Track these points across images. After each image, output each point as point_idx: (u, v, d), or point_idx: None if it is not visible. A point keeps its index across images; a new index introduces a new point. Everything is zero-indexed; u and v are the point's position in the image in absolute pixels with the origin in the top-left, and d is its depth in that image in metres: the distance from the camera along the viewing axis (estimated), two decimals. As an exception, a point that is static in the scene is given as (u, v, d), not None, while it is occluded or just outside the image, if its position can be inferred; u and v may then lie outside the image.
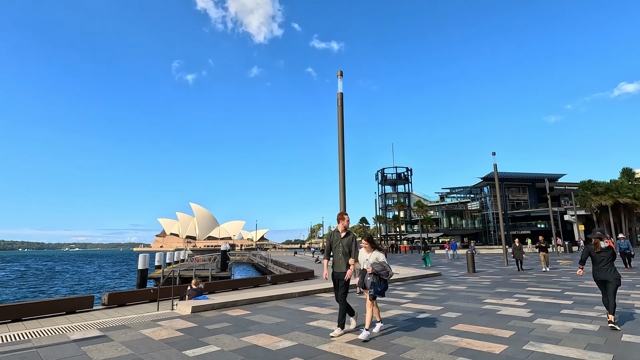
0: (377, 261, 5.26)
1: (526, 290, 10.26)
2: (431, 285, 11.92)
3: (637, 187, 43.34)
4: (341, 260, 5.40)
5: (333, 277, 5.51)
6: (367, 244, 5.42)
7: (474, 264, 16.73)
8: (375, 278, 5.14)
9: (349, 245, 5.43)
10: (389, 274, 5.17)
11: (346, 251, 5.39)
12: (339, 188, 10.68)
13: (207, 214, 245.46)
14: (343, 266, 5.37)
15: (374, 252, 5.38)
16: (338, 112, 11.23)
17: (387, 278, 5.21)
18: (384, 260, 5.27)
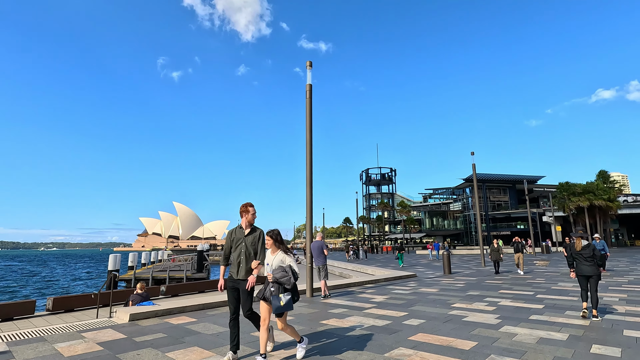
0: (280, 265, 4.14)
1: (498, 293, 9.85)
2: (403, 287, 11.42)
3: (612, 190, 44.34)
4: (242, 265, 4.31)
5: (231, 288, 4.35)
6: (270, 241, 4.22)
7: (450, 265, 16.38)
8: (278, 288, 4.02)
9: (254, 245, 4.35)
10: (290, 281, 4.00)
11: (250, 253, 4.31)
12: (306, 183, 10.04)
13: (190, 214, 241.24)
14: (243, 272, 4.29)
15: (278, 254, 4.22)
16: (307, 105, 10.59)
17: (291, 287, 4.05)
18: (290, 265, 4.14)
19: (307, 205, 9.99)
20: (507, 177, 67.64)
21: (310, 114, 10.54)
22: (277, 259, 4.20)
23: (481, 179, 67.05)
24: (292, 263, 4.18)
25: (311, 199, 10.02)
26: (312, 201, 10.07)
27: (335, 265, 24.74)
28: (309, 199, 10.00)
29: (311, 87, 10.77)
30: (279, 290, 4.01)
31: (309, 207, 9.97)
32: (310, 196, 10.02)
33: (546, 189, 63.93)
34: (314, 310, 7.54)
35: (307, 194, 10.03)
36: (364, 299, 9.03)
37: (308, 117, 10.51)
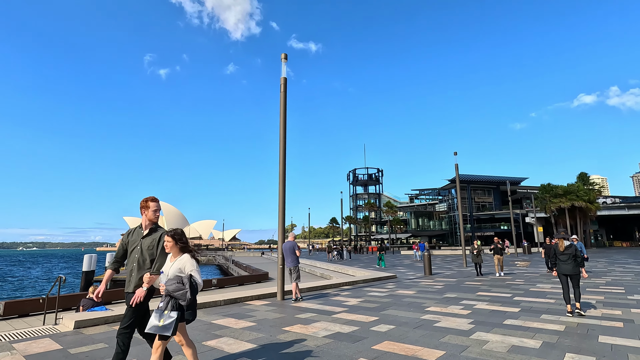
0: (178, 275, 3.20)
1: (476, 295, 9.58)
2: (380, 289, 11.06)
3: (592, 192, 45.22)
4: (133, 274, 3.49)
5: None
6: (171, 243, 3.31)
7: (431, 266, 16.15)
8: (168, 303, 3.12)
9: (151, 249, 3.51)
10: (187, 296, 3.08)
11: (145, 259, 3.48)
12: (279, 180, 9.58)
13: (176, 213, 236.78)
14: (133, 284, 3.47)
15: (180, 259, 3.30)
16: (281, 99, 10.13)
17: (186, 303, 3.11)
18: (190, 273, 3.23)
19: (279, 203, 9.52)
20: (491, 179, 68.47)
21: (284, 108, 10.08)
22: (176, 266, 3.26)
23: (466, 180, 67.71)
24: (194, 271, 3.25)
25: (284, 197, 9.56)
26: (285, 199, 9.61)
27: (317, 265, 24.32)
28: (281, 196, 9.54)
29: (286, 81, 10.32)
30: (169, 307, 3.11)
31: (282, 205, 9.51)
32: (283, 194, 9.56)
33: (529, 190, 64.99)
34: (280, 315, 7.09)
35: (279, 191, 9.57)
36: (336, 302, 8.62)
37: (282, 112, 10.05)
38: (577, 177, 47.87)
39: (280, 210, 9.48)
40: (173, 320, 3.06)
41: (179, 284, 3.13)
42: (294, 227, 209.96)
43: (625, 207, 48.68)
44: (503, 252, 14.71)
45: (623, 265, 18.87)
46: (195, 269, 3.30)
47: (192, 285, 3.19)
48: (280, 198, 9.53)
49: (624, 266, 18.54)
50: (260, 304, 8.53)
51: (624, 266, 18.54)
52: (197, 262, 3.34)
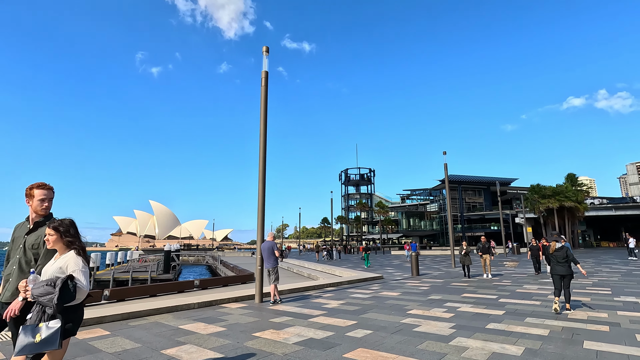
0: (58, 275, 2.55)
1: (461, 297, 9.32)
2: (364, 291, 10.75)
3: (580, 192, 45.64)
4: (11, 280, 2.80)
5: None
6: (54, 237, 2.65)
7: (418, 266, 15.90)
8: (39, 313, 2.49)
9: (36, 248, 2.84)
10: (54, 302, 2.38)
11: (30, 259, 2.82)
12: (259, 177, 9.19)
13: (167, 212, 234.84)
14: (9, 291, 2.77)
15: (64, 256, 2.67)
16: (262, 93, 9.75)
17: (54, 310, 2.43)
18: (72, 274, 2.56)
19: (259, 201, 9.14)
20: (481, 179, 68.86)
21: (265, 103, 9.70)
22: (57, 266, 2.61)
23: (457, 180, 68.02)
24: (77, 272, 2.58)
25: (263, 195, 9.18)
26: (265, 197, 9.24)
27: (305, 266, 23.97)
28: (260, 195, 9.16)
29: (267, 75, 9.94)
30: (45, 317, 2.46)
31: (261, 204, 9.13)
32: (263, 192, 9.18)
33: (519, 191, 65.51)
34: (254, 319, 6.71)
35: (259, 189, 9.19)
36: (316, 305, 8.26)
37: (263, 107, 9.68)
38: (566, 178, 48.30)
39: (259, 209, 9.10)
40: (55, 331, 2.42)
41: (47, 287, 2.43)
42: (286, 227, 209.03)
43: (612, 207, 49.30)
44: (491, 252, 14.23)
45: (610, 266, 18.88)
46: (80, 269, 2.59)
47: (68, 290, 2.45)
48: (260, 196, 9.15)
49: (610, 266, 18.54)
50: (237, 306, 8.14)
51: (611, 266, 18.54)
52: (86, 261, 2.68)
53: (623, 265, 19.39)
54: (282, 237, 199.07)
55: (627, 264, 20.05)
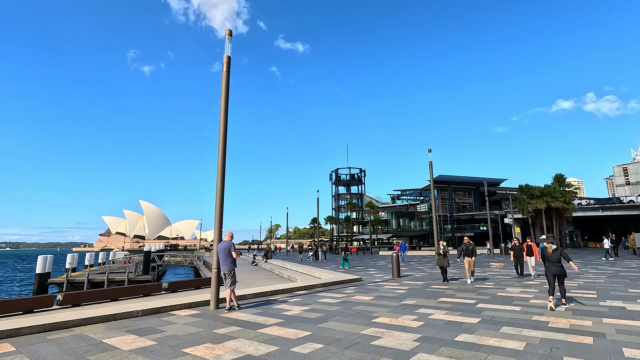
0: None
1: (437, 302, 8.61)
2: (336, 295, 9.99)
3: (567, 193, 45.59)
4: None
5: None
6: None
7: (399, 267, 15.21)
8: None
9: None
10: None
11: None
12: (217, 169, 8.37)
13: (158, 212, 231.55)
14: None
15: None
16: (223, 79, 8.93)
17: None
18: None
19: (217, 197, 8.32)
20: (471, 180, 68.74)
21: (226, 89, 8.89)
22: None
23: (446, 181, 67.82)
24: None
25: (222, 190, 8.36)
26: (224, 191, 8.42)
27: (287, 267, 23.16)
28: (219, 188, 8.33)
29: (229, 60, 9.14)
30: None
31: (219, 199, 8.31)
32: (222, 186, 8.35)
33: (508, 191, 65.52)
34: (195, 330, 5.89)
35: (217, 182, 8.37)
36: (276, 312, 7.47)
37: (224, 94, 8.86)
38: (554, 179, 48.22)
39: (217, 206, 8.27)
40: None
41: None
42: (278, 228, 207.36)
43: (599, 208, 49.42)
44: (474, 253, 12.42)
45: (596, 267, 18.45)
46: None
47: None
48: (218, 192, 8.33)
49: (597, 267, 18.10)
50: (187, 314, 7.31)
51: (597, 267, 18.10)
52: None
53: (609, 266, 18.98)
54: (274, 237, 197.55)
55: (613, 264, 19.66)
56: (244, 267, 28.52)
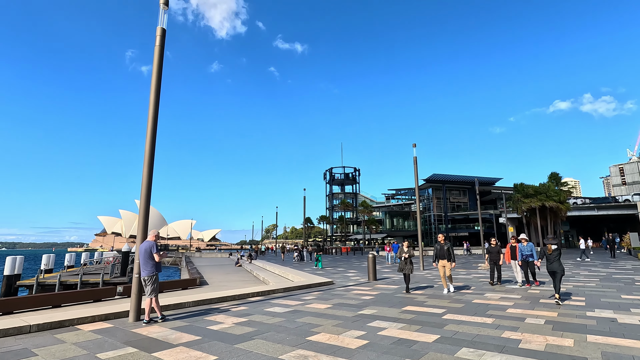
0: None
1: (400, 311, 7.44)
2: (290, 302, 8.81)
3: (562, 192, 44.59)
4: None
5: None
6: None
7: (375, 269, 14.05)
8: None
9: None
10: None
11: None
12: (145, 157, 7.19)
13: (154, 212, 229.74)
14: None
15: None
16: (155, 53, 7.74)
17: None
18: None
19: (142, 188, 7.12)
20: (466, 179, 67.71)
21: (159, 65, 7.69)
22: None
23: (441, 180, 66.79)
24: None
25: (149, 180, 7.16)
26: (151, 183, 7.22)
27: (267, 268, 21.99)
28: (145, 179, 7.14)
29: (164, 33, 7.94)
30: None
31: (146, 188, 7.12)
32: (149, 175, 7.16)
33: (503, 190, 64.51)
34: (79, 354, 4.69)
35: (144, 169, 7.17)
36: (201, 326, 6.28)
37: (156, 69, 7.66)
38: (549, 177, 47.19)
39: (143, 198, 7.08)
40: None
41: None
42: (275, 228, 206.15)
43: (595, 207, 48.44)
44: (452, 256, 9.78)
45: (589, 268, 17.35)
46: None
47: None
48: (145, 178, 7.13)
49: (589, 269, 17.00)
50: (93, 328, 6.11)
51: (590, 269, 17.00)
52: None
53: (603, 267, 17.89)
54: (271, 237, 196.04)
55: (607, 266, 18.57)
56: (227, 269, 27.34)
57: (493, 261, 11.66)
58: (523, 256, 10.39)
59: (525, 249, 10.31)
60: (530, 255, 10.28)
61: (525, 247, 10.33)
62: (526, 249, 10.30)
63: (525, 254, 10.34)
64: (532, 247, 10.32)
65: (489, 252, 11.87)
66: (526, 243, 10.32)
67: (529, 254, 10.29)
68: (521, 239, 10.44)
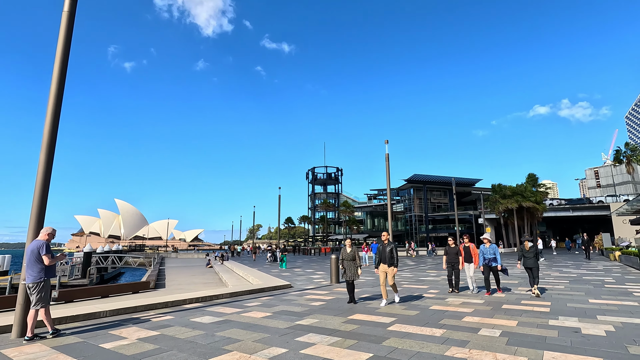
0: None
1: (342, 321, 6.54)
2: (228, 309, 7.79)
3: (539, 193, 44.98)
4: None
5: None
6: None
7: (339, 272, 13.16)
8: None
9: None
10: None
11: None
12: (42, 143, 6.06)
13: (134, 212, 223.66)
14: None
15: None
16: (60, 36, 6.59)
17: None
18: None
19: (38, 175, 5.97)
20: (447, 179, 67.92)
21: (64, 49, 6.53)
22: None
23: (422, 180, 66.81)
24: None
25: (48, 168, 6.02)
26: (50, 172, 6.08)
27: (235, 270, 20.84)
28: (43, 164, 5.99)
29: (73, 5, 6.77)
30: None
31: (42, 179, 5.97)
32: (47, 159, 6.01)
33: (483, 191, 65.10)
34: None
35: (41, 156, 6.01)
36: (94, 344, 5.19)
37: (60, 54, 6.50)
38: (526, 179, 47.63)
39: (38, 186, 5.93)
40: None
41: None
42: (260, 228, 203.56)
43: (570, 208, 49.15)
44: (394, 260, 7.87)
45: (560, 269, 16.96)
46: None
47: None
48: (42, 167, 5.98)
49: (561, 270, 16.60)
50: None
51: (561, 270, 16.60)
52: None
53: (574, 268, 17.55)
54: (255, 237, 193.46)
55: (579, 267, 18.26)
56: (196, 270, 25.98)
57: (451, 264, 9.65)
58: (485, 260, 9.06)
59: (488, 251, 9.05)
60: (494, 259, 8.97)
61: (488, 250, 9.05)
62: (489, 252, 9.05)
63: (487, 258, 9.05)
64: (496, 249, 9.06)
65: (447, 253, 9.82)
66: (489, 244, 9.11)
67: (491, 258, 9.00)
68: (483, 240, 9.21)
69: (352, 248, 8.40)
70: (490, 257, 9.06)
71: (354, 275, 8.32)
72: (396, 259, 7.93)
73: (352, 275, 8.31)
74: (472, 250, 9.53)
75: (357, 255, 8.40)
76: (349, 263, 8.35)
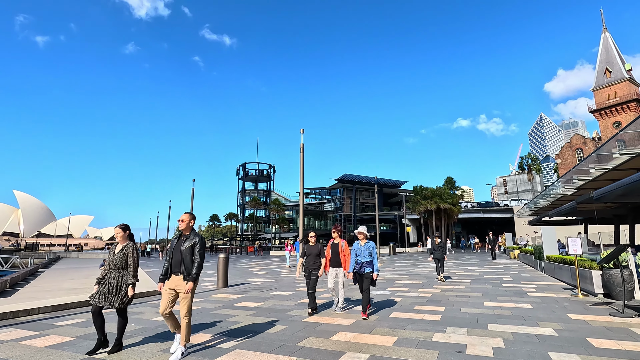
0: None
1: (158, 350, 4.59)
2: (24, 333, 5.34)
3: (455, 196, 47.93)
4: None
5: None
6: None
7: (227, 273, 11.16)
8: None
9: None
10: None
11: None
12: None
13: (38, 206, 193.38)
14: None
15: None
16: None
17: None
18: None
19: None
20: (374, 180, 69.79)
21: None
22: None
23: (352, 180, 67.67)
24: None
25: None
26: None
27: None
28: None
29: None
30: None
31: None
32: None
33: (408, 193, 68.18)
34: None
35: None
36: None
37: None
38: (445, 181, 50.56)
39: None
40: None
41: None
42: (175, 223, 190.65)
43: (481, 211, 53.43)
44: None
45: (466, 267, 17.06)
46: None
47: None
48: None
49: (466, 268, 16.67)
50: None
51: (467, 268, 16.68)
52: None
53: (479, 266, 17.86)
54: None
55: (483, 265, 18.71)
56: (88, 272, 21.68)
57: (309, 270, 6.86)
58: (358, 263, 6.25)
59: (363, 251, 6.25)
60: (369, 264, 6.19)
61: (363, 249, 6.26)
62: (364, 252, 6.24)
63: (361, 261, 6.24)
64: (373, 247, 6.31)
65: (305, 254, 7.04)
66: (365, 241, 6.35)
67: (366, 261, 6.21)
68: (358, 235, 6.44)
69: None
70: (365, 261, 6.23)
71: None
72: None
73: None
74: (343, 250, 6.71)
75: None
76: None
